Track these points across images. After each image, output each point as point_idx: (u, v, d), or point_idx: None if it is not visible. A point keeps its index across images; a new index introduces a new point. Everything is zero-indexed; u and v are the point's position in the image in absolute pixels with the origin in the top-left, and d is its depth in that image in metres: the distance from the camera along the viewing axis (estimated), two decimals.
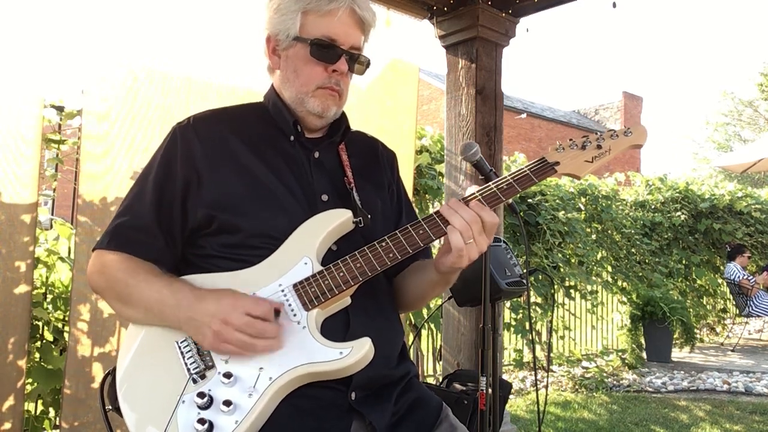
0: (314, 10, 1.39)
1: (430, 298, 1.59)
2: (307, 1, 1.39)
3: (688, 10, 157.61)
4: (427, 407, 1.44)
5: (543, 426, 4.56)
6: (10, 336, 2.73)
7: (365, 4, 1.43)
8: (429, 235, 1.32)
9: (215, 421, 1.19)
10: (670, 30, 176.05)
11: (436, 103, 21.42)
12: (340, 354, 1.23)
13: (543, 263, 6.16)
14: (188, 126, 1.43)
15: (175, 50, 3.10)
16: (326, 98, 1.43)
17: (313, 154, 1.47)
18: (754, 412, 5.02)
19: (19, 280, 2.76)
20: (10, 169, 2.72)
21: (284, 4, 1.42)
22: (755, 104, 30.93)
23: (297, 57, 1.42)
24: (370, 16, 1.44)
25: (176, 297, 1.26)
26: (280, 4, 1.42)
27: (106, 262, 1.36)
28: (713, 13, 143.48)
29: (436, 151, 5.05)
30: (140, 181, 1.43)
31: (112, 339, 2.94)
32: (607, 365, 6.82)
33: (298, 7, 1.40)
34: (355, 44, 1.43)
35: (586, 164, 1.40)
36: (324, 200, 1.42)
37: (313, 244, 1.33)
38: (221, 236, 1.36)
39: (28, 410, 3.19)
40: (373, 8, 1.47)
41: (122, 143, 2.94)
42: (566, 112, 29.84)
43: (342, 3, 1.38)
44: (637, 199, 8.44)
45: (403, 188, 1.67)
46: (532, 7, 3.73)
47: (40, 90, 2.81)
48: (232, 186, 1.37)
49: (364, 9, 1.42)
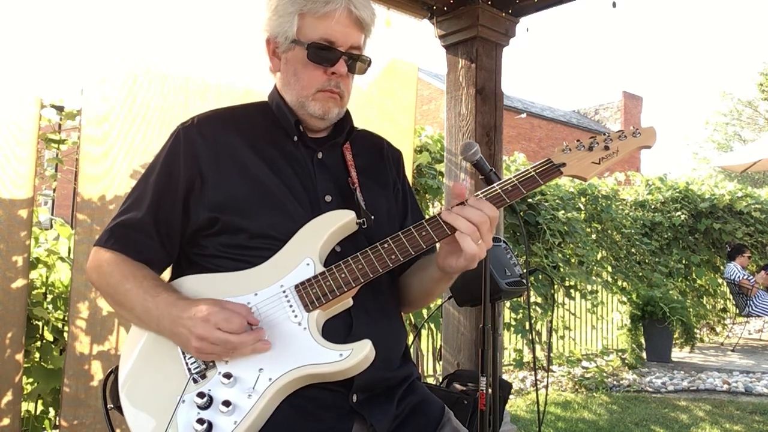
0: (311, 12, 1.37)
1: (435, 296, 1.57)
2: (303, 3, 1.37)
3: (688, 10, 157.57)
4: (429, 411, 1.44)
5: (543, 426, 4.56)
6: (8, 331, 2.75)
7: (363, 3, 1.40)
8: (432, 237, 1.31)
9: (214, 421, 1.19)
10: (670, 30, 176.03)
11: (436, 103, 21.41)
12: (340, 356, 1.22)
13: (543, 263, 6.15)
14: (192, 126, 1.43)
15: (174, 50, 3.10)
16: (327, 101, 1.41)
17: (317, 155, 1.47)
18: (754, 412, 5.02)
19: (17, 275, 2.78)
20: (9, 166, 2.74)
21: (281, 6, 1.40)
22: (755, 104, 30.91)
23: (296, 60, 1.41)
24: (368, 15, 1.41)
25: (159, 309, 1.27)
26: (278, 5, 1.41)
27: (103, 261, 1.37)
28: (713, 13, 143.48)
29: (436, 151, 5.05)
30: (142, 181, 1.43)
31: (110, 337, 2.95)
32: (607, 365, 6.82)
33: (294, 9, 1.38)
34: (354, 44, 1.41)
35: (593, 166, 1.37)
36: (327, 201, 1.42)
37: (315, 246, 1.32)
38: (223, 236, 1.36)
39: (28, 410, 3.19)
40: (372, 6, 1.44)
41: (120, 143, 2.94)
42: (566, 112, 29.84)
43: (338, 4, 1.36)
44: (637, 199, 8.44)
45: (409, 187, 1.66)
46: (532, 6, 3.73)
47: (36, 89, 2.83)
48: (236, 187, 1.36)
49: (361, 8, 1.39)
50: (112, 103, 2.91)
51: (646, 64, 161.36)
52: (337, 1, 1.36)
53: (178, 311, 1.24)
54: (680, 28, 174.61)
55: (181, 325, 1.23)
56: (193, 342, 1.21)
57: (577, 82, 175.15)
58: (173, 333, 1.25)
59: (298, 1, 1.37)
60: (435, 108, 21.58)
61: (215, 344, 1.20)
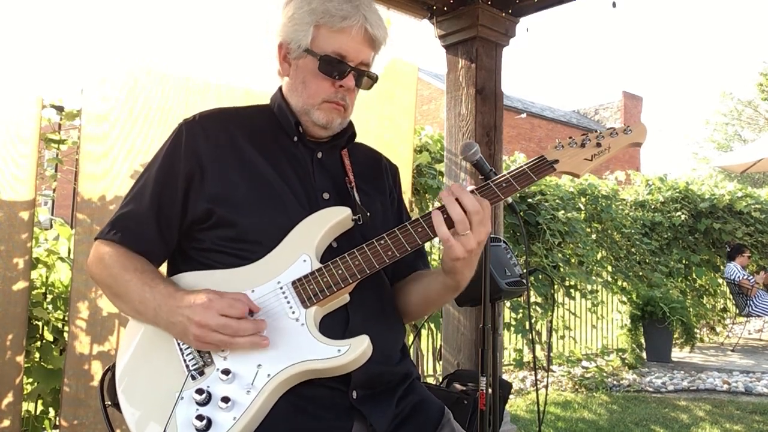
0: (327, 25, 1.39)
1: (437, 306, 1.57)
2: (321, 16, 1.39)
3: (688, 10, 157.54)
4: (428, 411, 1.44)
5: (543, 426, 4.56)
6: (8, 333, 2.75)
7: (378, 22, 1.43)
8: (427, 232, 1.32)
9: (213, 417, 1.19)
10: (670, 30, 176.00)
11: (436, 103, 21.42)
12: (338, 351, 1.23)
13: (543, 263, 6.15)
14: (194, 122, 1.45)
15: (174, 50, 3.10)
16: (331, 111, 1.44)
17: (316, 154, 1.49)
18: (754, 412, 5.02)
19: (17, 277, 2.78)
20: (9, 167, 2.74)
21: (298, 14, 1.42)
22: (755, 104, 30.90)
23: (306, 69, 1.43)
24: (381, 35, 1.44)
25: (156, 300, 1.27)
26: (294, 13, 1.43)
27: (103, 253, 1.38)
28: (713, 13, 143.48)
29: (436, 151, 5.05)
30: (144, 175, 1.45)
31: (111, 338, 2.95)
32: (607, 365, 6.82)
33: (311, 20, 1.40)
34: (364, 60, 1.44)
35: (585, 162, 1.40)
36: (325, 198, 1.43)
37: (312, 242, 1.33)
38: (219, 230, 1.37)
39: (28, 410, 3.19)
40: (385, 25, 1.47)
41: (121, 142, 2.94)
42: (566, 112, 29.84)
43: (355, 21, 1.38)
44: (637, 199, 8.44)
45: (402, 202, 1.68)
46: (532, 6, 3.73)
47: (38, 89, 2.82)
48: (234, 181, 1.38)
49: (376, 27, 1.42)
50: (112, 103, 2.92)
51: (646, 64, 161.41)
52: (354, 18, 1.38)
53: (176, 301, 1.25)
54: (680, 28, 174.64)
55: (179, 314, 1.23)
56: (193, 329, 1.21)
57: (577, 82, 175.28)
58: (171, 323, 1.26)
59: (317, 12, 1.39)
60: (435, 108, 21.58)
61: (215, 330, 1.20)
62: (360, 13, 1.39)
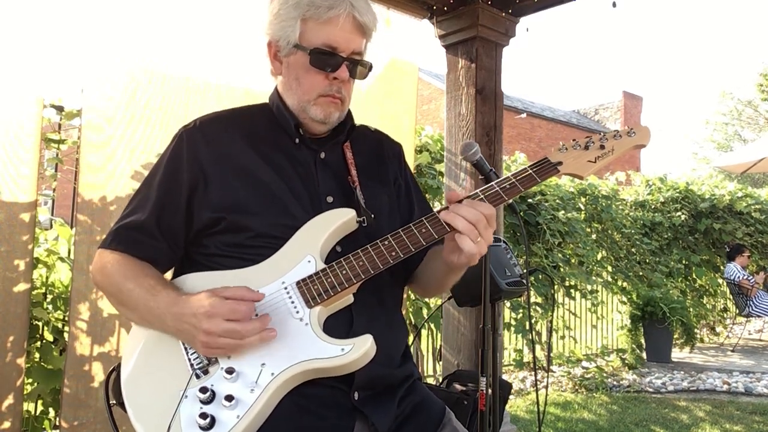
0: (313, 18, 1.36)
1: (446, 287, 1.57)
2: (306, 8, 1.36)
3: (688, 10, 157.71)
4: (430, 411, 1.44)
5: (543, 426, 4.56)
6: (9, 335, 2.74)
7: (365, 8, 1.40)
8: (432, 234, 1.32)
9: (217, 415, 1.20)
10: (669, 30, 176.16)
11: (436, 102, 21.42)
12: (342, 350, 1.23)
13: (543, 263, 6.16)
14: (194, 129, 1.44)
15: (174, 50, 3.10)
16: (328, 105, 1.42)
17: (319, 155, 1.47)
18: (754, 412, 5.02)
19: (18, 278, 2.77)
20: (10, 168, 2.73)
21: (283, 9, 1.39)
22: (755, 104, 30.90)
23: (297, 65, 1.41)
24: (370, 21, 1.41)
25: (160, 309, 1.27)
26: (279, 9, 1.40)
27: (106, 262, 1.37)
28: (713, 13, 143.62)
29: (436, 151, 5.05)
30: (146, 184, 1.43)
31: (111, 338, 2.94)
32: (607, 365, 6.82)
33: (297, 14, 1.37)
34: (356, 49, 1.41)
35: (589, 164, 1.40)
36: (329, 202, 1.42)
37: (316, 243, 1.33)
38: (226, 236, 1.36)
39: (28, 410, 3.19)
40: (373, 10, 1.44)
41: (121, 143, 2.94)
42: (566, 112, 29.84)
43: (342, 10, 1.35)
44: (637, 199, 8.44)
45: (413, 179, 1.66)
46: (532, 6, 3.74)
47: (39, 90, 2.82)
48: (238, 188, 1.37)
49: (364, 14, 1.39)
50: (112, 102, 2.91)
51: (646, 64, 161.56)
52: (340, 6, 1.35)
53: (180, 308, 1.25)
54: (680, 28, 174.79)
55: (185, 322, 1.23)
56: (201, 337, 1.21)
57: (577, 82, 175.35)
58: (178, 330, 1.26)
59: (301, 6, 1.37)
60: (435, 108, 21.58)
61: (223, 336, 1.20)
62: (346, 1, 1.36)
